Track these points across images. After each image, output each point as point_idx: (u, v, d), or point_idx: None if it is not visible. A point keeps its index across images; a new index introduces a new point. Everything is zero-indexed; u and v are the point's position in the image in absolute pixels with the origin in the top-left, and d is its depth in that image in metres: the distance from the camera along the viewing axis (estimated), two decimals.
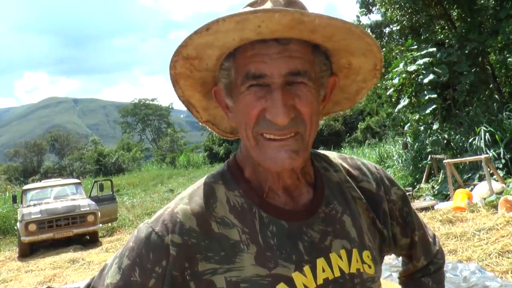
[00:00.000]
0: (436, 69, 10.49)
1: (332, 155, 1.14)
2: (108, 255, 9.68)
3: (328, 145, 23.69)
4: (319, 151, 1.13)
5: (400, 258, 1.31)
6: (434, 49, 10.92)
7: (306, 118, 0.89)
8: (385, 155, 15.40)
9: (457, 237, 6.11)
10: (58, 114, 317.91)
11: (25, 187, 13.87)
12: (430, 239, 1.24)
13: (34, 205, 11.98)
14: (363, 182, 1.09)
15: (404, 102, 11.27)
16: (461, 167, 9.88)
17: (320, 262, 0.94)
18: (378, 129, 24.52)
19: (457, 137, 10.54)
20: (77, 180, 15.15)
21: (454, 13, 12.69)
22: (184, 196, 0.97)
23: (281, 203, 0.97)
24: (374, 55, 0.94)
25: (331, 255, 0.95)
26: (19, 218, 11.70)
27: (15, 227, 13.06)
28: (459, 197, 7.81)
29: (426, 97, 10.38)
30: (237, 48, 0.89)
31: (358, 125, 26.34)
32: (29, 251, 11.22)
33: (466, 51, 10.70)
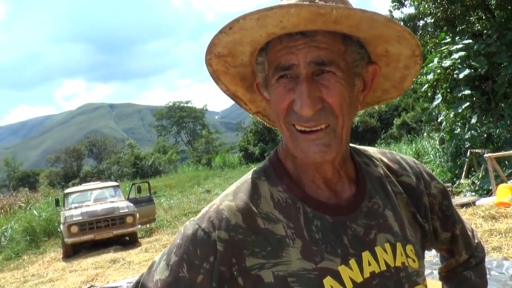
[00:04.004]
0: (473, 63, 10.20)
1: (372, 150, 1.13)
2: (147, 255, 9.86)
3: (363, 142, 23.35)
4: (358, 146, 1.12)
5: (439, 255, 1.29)
6: (471, 41, 10.61)
7: (336, 110, 0.87)
8: (422, 151, 15.09)
9: (502, 234, 5.95)
10: (95, 119, 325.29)
11: (67, 190, 14.27)
12: (469, 233, 1.22)
13: (75, 208, 12.31)
14: (403, 177, 1.09)
15: (438, 100, 11.01)
16: (503, 161, 9.58)
17: (366, 256, 0.94)
18: (414, 125, 24.05)
19: (497, 130, 10.22)
20: (115, 183, 15.48)
21: (492, 2, 12.30)
22: (229, 193, 0.98)
23: (324, 198, 0.97)
24: (408, 41, 0.92)
25: (376, 249, 0.95)
26: (61, 220, 12.08)
27: (59, 229, 13.44)
28: (502, 192, 7.58)
29: (460, 94, 10.10)
30: (268, 42, 0.91)
31: (394, 121, 25.89)
32: (72, 252, 11.58)
33: (506, 41, 10.35)
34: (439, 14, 12.54)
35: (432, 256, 4.83)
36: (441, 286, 1.28)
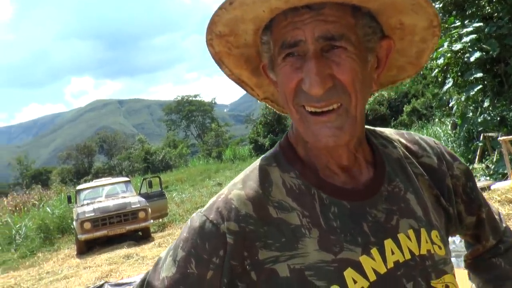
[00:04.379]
0: (484, 46, 10.01)
1: (389, 131, 1.06)
2: (161, 249, 9.87)
3: None
4: (373, 128, 1.05)
5: (459, 242, 1.23)
6: (481, 24, 10.42)
7: (349, 87, 0.81)
8: (434, 137, 14.93)
9: None
10: (105, 116, 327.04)
11: (78, 187, 14.31)
12: (496, 216, 1.15)
13: (88, 204, 12.35)
14: (424, 158, 1.02)
15: (448, 84, 10.85)
16: None
17: (388, 244, 0.87)
18: (424, 111, 23.81)
19: (511, 113, 10.05)
20: (126, 179, 15.47)
21: None
22: (237, 182, 0.92)
23: (340, 183, 0.91)
24: (424, 10, 0.85)
25: (399, 236, 0.89)
26: (74, 217, 12.17)
27: (72, 226, 13.53)
28: None
29: (472, 77, 9.93)
30: (272, 19, 0.85)
31: (404, 108, 25.64)
32: (86, 248, 11.61)
33: None
34: None
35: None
36: (467, 275, 1.20)
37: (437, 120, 17.64)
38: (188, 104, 70.09)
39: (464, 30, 10.38)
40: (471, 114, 11.10)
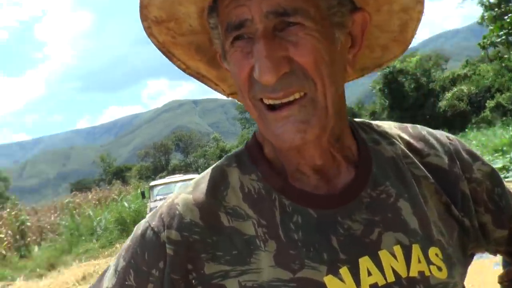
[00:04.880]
0: None
1: (388, 124, 0.90)
2: None
3: (453, 128, 22.10)
4: (370, 121, 0.90)
5: (498, 257, 1.00)
6: None
7: (311, 72, 0.68)
8: None
9: None
10: (180, 115, 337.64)
11: (152, 183, 14.84)
12: None
13: (160, 199, 12.66)
14: (430, 157, 0.85)
15: None
16: None
17: (364, 262, 0.72)
18: (510, 106, 22.30)
19: None
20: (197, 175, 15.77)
21: None
22: (190, 184, 0.81)
23: (310, 187, 0.77)
24: None
25: (381, 253, 0.73)
26: (147, 212, 12.52)
27: None
28: None
29: None
30: None
31: (486, 104, 24.21)
32: None
33: None
34: None
35: None
36: None
37: None
38: None
39: None
40: None
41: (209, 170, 0.83)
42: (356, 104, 37.13)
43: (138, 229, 0.79)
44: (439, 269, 0.75)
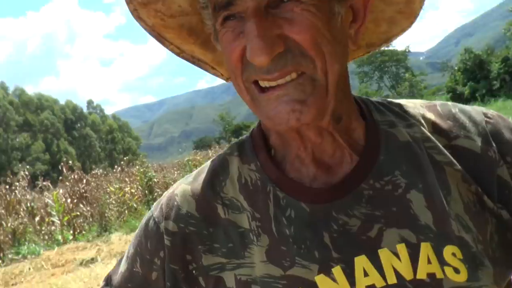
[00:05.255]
0: None
1: (413, 103, 0.81)
2: None
3: None
4: (392, 100, 0.82)
5: None
6: None
7: (309, 49, 0.63)
8: None
9: None
10: None
11: None
12: None
13: None
14: (459, 139, 0.75)
15: None
16: None
17: (360, 262, 0.67)
18: None
19: None
20: None
21: None
22: (192, 174, 0.82)
23: (308, 177, 0.73)
24: None
25: (381, 252, 0.68)
26: None
27: None
28: None
29: None
30: None
31: None
32: None
33: None
34: None
35: None
36: None
37: None
38: (380, 54, 68.03)
39: None
40: None
41: (214, 158, 0.82)
42: (484, 51, 33.44)
43: (145, 217, 0.82)
44: (456, 271, 0.67)
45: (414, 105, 0.80)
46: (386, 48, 68.73)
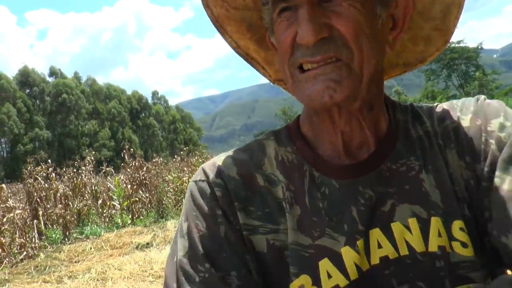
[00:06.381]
0: None
1: (435, 105, 0.89)
2: None
3: None
4: (417, 104, 0.89)
5: None
6: None
7: (350, 40, 0.71)
8: None
9: None
10: None
11: None
12: None
13: None
14: (457, 121, 0.83)
15: None
16: None
17: (375, 234, 0.74)
18: None
19: None
20: None
21: None
22: (230, 151, 0.87)
23: (338, 161, 0.80)
24: None
25: (394, 225, 0.74)
26: None
27: None
28: None
29: None
30: None
31: None
32: None
33: None
34: None
35: None
36: None
37: None
38: (450, 51, 65.14)
39: None
40: None
41: (248, 143, 0.89)
42: None
43: (187, 192, 0.84)
44: (463, 245, 0.72)
45: (432, 106, 0.89)
46: (457, 45, 65.97)
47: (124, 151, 12.08)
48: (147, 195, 11.22)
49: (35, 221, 8.77)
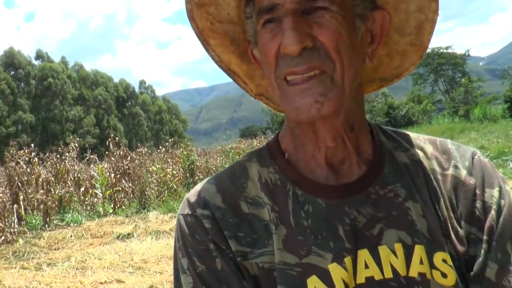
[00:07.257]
0: None
1: (417, 135, 0.92)
2: None
3: None
4: (397, 129, 0.93)
5: None
6: None
7: (332, 51, 0.73)
8: None
9: None
10: None
11: None
12: None
13: None
14: (450, 169, 0.86)
15: None
16: None
17: (363, 255, 0.76)
18: None
19: None
20: None
21: None
22: (211, 177, 0.88)
23: (322, 178, 0.82)
24: None
25: (381, 249, 0.76)
26: None
27: None
28: None
29: None
30: None
31: None
32: None
33: None
34: None
35: None
36: None
37: None
38: (438, 56, 65.77)
39: None
40: None
41: (230, 166, 0.89)
42: None
43: (177, 225, 0.84)
44: (444, 275, 0.75)
45: (417, 137, 0.91)
46: (444, 51, 66.60)
47: (109, 139, 11.99)
48: (130, 185, 11.19)
49: (15, 205, 8.69)
